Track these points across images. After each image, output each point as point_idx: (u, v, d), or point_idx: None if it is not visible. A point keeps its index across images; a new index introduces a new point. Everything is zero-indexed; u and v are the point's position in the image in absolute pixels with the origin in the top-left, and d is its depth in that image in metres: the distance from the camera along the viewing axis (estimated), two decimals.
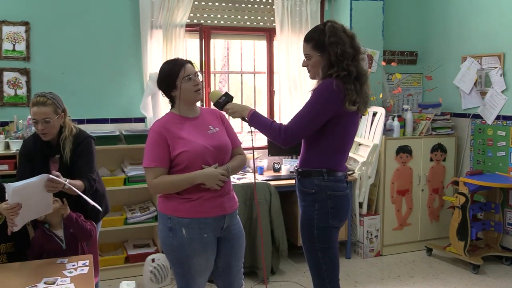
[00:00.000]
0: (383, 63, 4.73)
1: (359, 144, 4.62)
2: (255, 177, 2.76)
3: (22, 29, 3.87)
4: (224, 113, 2.45)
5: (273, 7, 4.56)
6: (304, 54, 2.36)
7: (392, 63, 4.82)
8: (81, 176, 2.57)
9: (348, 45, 2.24)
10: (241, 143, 2.51)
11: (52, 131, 2.54)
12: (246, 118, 2.35)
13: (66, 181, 2.36)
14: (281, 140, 2.28)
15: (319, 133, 2.30)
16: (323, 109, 2.24)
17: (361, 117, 4.62)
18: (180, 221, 2.22)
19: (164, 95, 2.36)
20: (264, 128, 2.33)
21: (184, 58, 2.37)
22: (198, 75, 2.32)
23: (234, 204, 2.38)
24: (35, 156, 2.60)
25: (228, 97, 2.39)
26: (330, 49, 2.23)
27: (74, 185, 2.42)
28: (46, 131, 2.51)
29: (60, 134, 2.58)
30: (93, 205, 2.44)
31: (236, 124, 4.31)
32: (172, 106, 2.37)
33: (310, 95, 2.30)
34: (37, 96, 2.53)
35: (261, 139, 4.65)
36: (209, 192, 2.23)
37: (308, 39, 2.33)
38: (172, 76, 2.27)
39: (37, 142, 2.61)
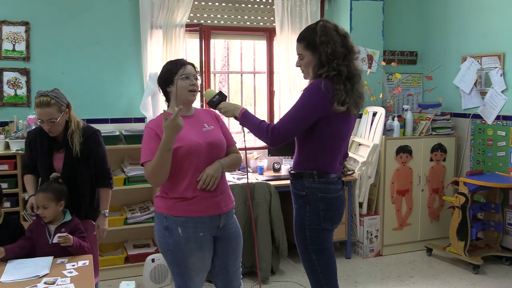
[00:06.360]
0: (383, 63, 4.73)
1: (359, 144, 4.62)
2: (248, 177, 2.78)
3: (22, 29, 3.87)
4: (217, 112, 2.47)
5: (273, 7, 4.56)
6: (297, 54, 2.35)
7: (392, 63, 4.82)
8: (102, 177, 2.78)
9: (340, 44, 2.21)
10: (235, 143, 2.51)
11: (58, 128, 2.61)
12: (238, 117, 2.36)
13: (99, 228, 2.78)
14: (268, 140, 2.26)
15: (309, 134, 2.27)
16: (311, 110, 2.21)
17: (360, 117, 4.67)
18: (175, 220, 2.23)
19: (161, 92, 2.39)
20: (253, 128, 2.31)
21: (188, 61, 2.40)
22: (197, 78, 2.35)
23: (230, 203, 2.38)
24: (39, 149, 2.66)
25: (221, 96, 2.41)
26: (321, 48, 2.21)
27: (108, 202, 2.83)
28: (53, 129, 2.58)
29: (67, 129, 2.64)
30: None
31: (237, 125, 4.30)
32: (168, 105, 2.39)
33: (300, 95, 2.28)
34: (39, 96, 2.55)
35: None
36: (204, 191, 2.24)
37: (300, 38, 2.32)
38: (171, 71, 2.31)
39: (43, 137, 2.65)
